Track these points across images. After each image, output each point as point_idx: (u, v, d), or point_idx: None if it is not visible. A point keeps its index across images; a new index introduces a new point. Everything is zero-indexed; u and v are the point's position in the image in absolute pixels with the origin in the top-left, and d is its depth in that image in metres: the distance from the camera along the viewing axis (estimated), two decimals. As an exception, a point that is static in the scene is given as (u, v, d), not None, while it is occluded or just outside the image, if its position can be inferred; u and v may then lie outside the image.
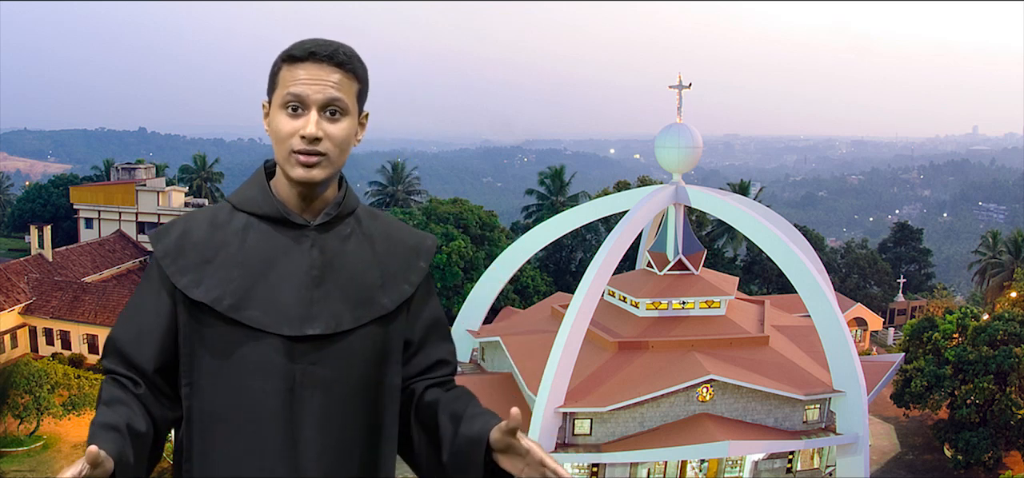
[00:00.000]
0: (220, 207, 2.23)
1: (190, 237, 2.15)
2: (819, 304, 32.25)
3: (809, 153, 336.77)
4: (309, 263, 2.14)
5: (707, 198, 38.29)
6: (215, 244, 2.14)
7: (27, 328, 43.45)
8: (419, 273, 2.30)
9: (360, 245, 2.22)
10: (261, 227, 2.16)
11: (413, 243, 2.33)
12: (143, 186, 59.07)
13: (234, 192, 2.27)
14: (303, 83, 2.06)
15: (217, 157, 79.80)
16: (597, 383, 32.39)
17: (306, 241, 2.15)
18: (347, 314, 2.14)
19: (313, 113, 2.07)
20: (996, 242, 62.57)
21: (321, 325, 2.11)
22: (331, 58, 2.09)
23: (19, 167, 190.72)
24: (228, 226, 2.16)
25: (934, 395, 37.38)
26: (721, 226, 58.93)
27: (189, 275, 2.11)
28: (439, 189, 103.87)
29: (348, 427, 2.13)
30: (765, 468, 34.15)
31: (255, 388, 2.07)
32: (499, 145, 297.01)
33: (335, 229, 2.20)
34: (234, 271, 2.11)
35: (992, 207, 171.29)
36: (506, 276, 39.79)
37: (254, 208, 2.17)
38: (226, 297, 2.08)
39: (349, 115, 2.12)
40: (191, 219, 2.20)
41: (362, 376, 2.16)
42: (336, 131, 2.10)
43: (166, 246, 2.15)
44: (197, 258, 2.12)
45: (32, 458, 33.43)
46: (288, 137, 2.08)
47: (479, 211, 55.05)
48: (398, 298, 2.24)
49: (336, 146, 2.10)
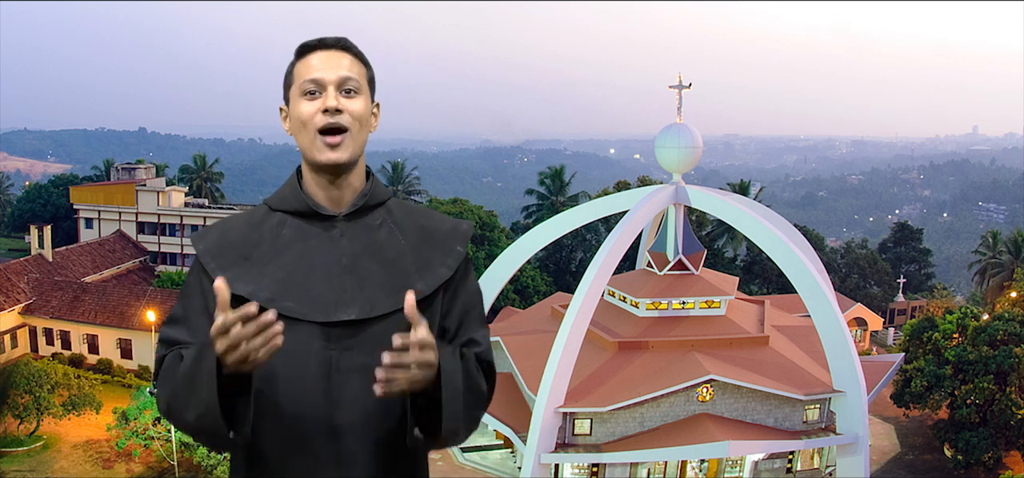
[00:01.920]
0: (257, 209, 2.37)
1: (228, 236, 2.30)
2: (819, 304, 32.25)
3: (809, 153, 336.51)
4: (339, 252, 2.24)
5: (707, 198, 38.29)
6: (252, 242, 2.27)
7: (27, 328, 43.45)
8: (456, 257, 2.35)
9: (392, 235, 2.30)
10: (294, 223, 2.28)
11: (448, 228, 2.40)
12: (143, 186, 59.08)
13: (271, 196, 2.40)
14: (317, 68, 2.21)
15: (217, 157, 79.83)
16: (597, 383, 32.40)
17: (335, 231, 2.26)
18: (383, 299, 2.21)
19: (331, 89, 2.20)
20: (996, 242, 62.57)
21: (355, 310, 2.19)
22: (338, 45, 2.25)
23: (19, 167, 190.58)
24: (264, 225, 2.30)
25: (934, 395, 37.38)
26: (721, 226, 58.93)
27: (229, 272, 2.21)
28: (439, 189, 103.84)
29: (387, 413, 2.18)
30: (765, 468, 34.16)
31: (294, 375, 2.16)
32: (499, 145, 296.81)
33: (364, 219, 2.30)
34: (269, 265, 2.23)
35: (992, 207, 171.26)
36: (506, 276, 39.79)
37: (286, 206, 2.30)
38: (263, 289, 2.19)
39: (363, 94, 2.26)
40: (230, 220, 2.35)
41: None
42: (354, 106, 2.23)
43: (207, 245, 2.29)
44: (236, 256, 2.25)
45: (32, 458, 33.42)
46: (310, 118, 2.21)
47: (479, 211, 55.10)
48: (434, 282, 2.30)
49: (356, 119, 2.23)
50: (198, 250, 2.30)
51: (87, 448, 34.30)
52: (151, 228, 58.18)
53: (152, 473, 32.96)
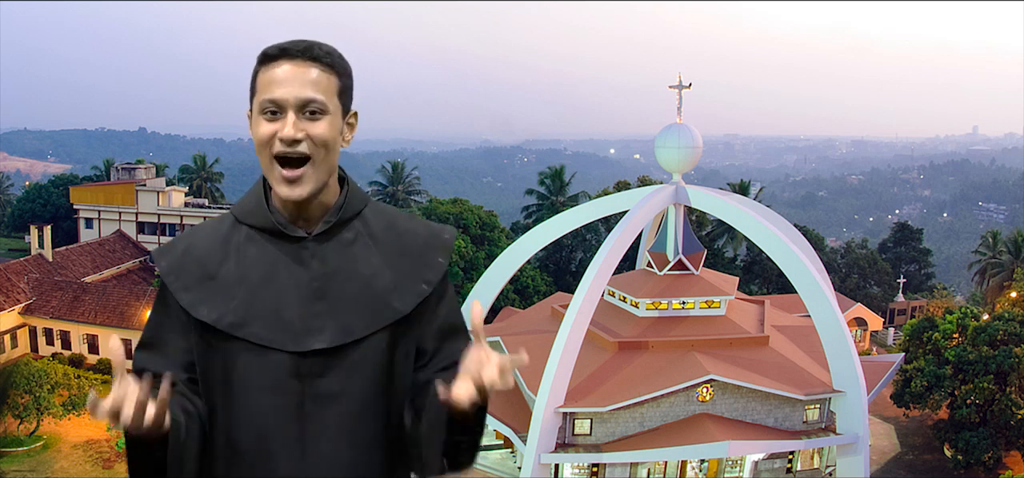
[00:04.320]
0: (223, 219, 2.18)
1: (192, 253, 2.12)
2: (819, 304, 32.24)
3: (809, 153, 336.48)
4: (309, 276, 2.06)
5: (707, 198, 38.28)
6: (217, 260, 2.09)
7: (27, 328, 43.44)
8: (437, 270, 2.18)
9: (367, 249, 2.12)
10: (260, 240, 2.10)
11: (427, 237, 2.21)
12: (143, 186, 59.08)
13: (237, 202, 2.22)
14: (278, 85, 1.97)
15: (217, 157, 79.82)
16: (597, 383, 32.39)
17: (305, 253, 2.07)
18: (358, 323, 2.06)
19: (290, 114, 1.97)
20: (996, 242, 62.53)
21: (327, 337, 2.04)
22: (305, 54, 1.99)
23: (19, 167, 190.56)
24: (230, 241, 2.11)
25: (934, 395, 37.38)
26: (721, 226, 58.91)
27: (192, 293, 2.07)
28: (439, 189, 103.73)
29: (362, 439, 2.08)
30: (765, 468, 34.15)
31: (264, 404, 2.03)
32: (499, 145, 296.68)
33: (338, 236, 2.10)
34: (235, 288, 2.06)
35: (992, 207, 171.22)
36: (506, 276, 39.77)
37: (252, 221, 2.11)
38: (228, 314, 2.04)
39: (329, 114, 2.01)
40: (195, 234, 2.17)
41: (375, 384, 2.09)
42: (317, 131, 1.99)
43: (170, 263, 2.12)
44: (200, 274, 2.08)
45: (32, 458, 33.42)
46: (267, 141, 1.99)
47: (479, 211, 55.03)
48: (414, 299, 2.13)
49: (319, 146, 2.00)
50: (160, 268, 2.13)
51: (87, 448, 34.31)
52: (151, 228, 58.17)
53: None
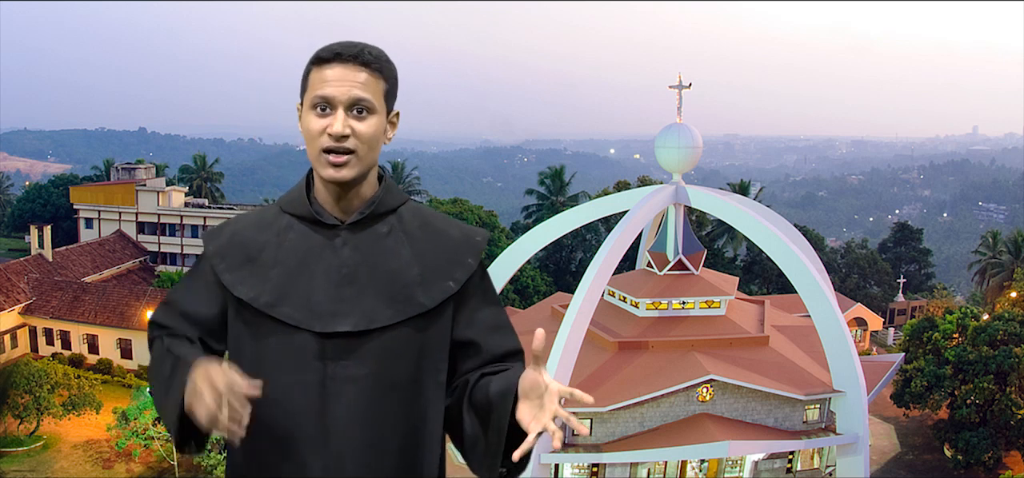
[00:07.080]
0: (268, 208, 2.35)
1: (238, 238, 2.29)
2: (819, 304, 32.24)
3: (809, 153, 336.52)
4: (340, 262, 2.20)
5: (707, 198, 38.28)
6: (259, 244, 2.26)
7: (27, 328, 43.46)
8: (466, 270, 2.30)
9: (399, 243, 2.26)
10: (300, 228, 2.26)
11: (459, 239, 2.34)
12: (143, 186, 59.09)
13: (283, 196, 2.38)
14: (330, 84, 2.13)
15: (217, 157, 79.75)
16: (597, 383, 32.38)
17: (338, 240, 2.22)
18: (382, 311, 2.18)
19: (340, 112, 2.14)
20: (996, 242, 62.57)
21: (351, 322, 2.16)
22: (357, 58, 2.15)
23: (19, 167, 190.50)
24: (272, 227, 2.28)
25: (934, 395, 37.39)
26: (721, 226, 58.92)
27: (234, 274, 2.24)
28: (439, 189, 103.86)
29: (384, 424, 2.17)
30: (765, 468, 34.16)
31: (290, 382, 2.15)
32: (499, 145, 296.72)
33: (371, 227, 2.25)
34: (273, 270, 2.22)
35: (992, 207, 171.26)
36: (506, 276, 39.77)
37: (294, 210, 2.28)
38: (263, 294, 2.19)
39: (376, 113, 2.18)
40: (240, 220, 2.35)
41: (400, 373, 2.19)
42: (363, 129, 2.16)
43: (217, 246, 2.29)
44: (243, 257, 2.25)
45: (32, 458, 33.43)
46: (317, 136, 2.15)
47: (479, 211, 55.11)
48: (440, 295, 2.24)
49: (364, 143, 2.16)
50: (208, 251, 2.31)
51: (87, 448, 34.31)
52: (151, 228, 58.19)
53: (152, 473, 32.97)
